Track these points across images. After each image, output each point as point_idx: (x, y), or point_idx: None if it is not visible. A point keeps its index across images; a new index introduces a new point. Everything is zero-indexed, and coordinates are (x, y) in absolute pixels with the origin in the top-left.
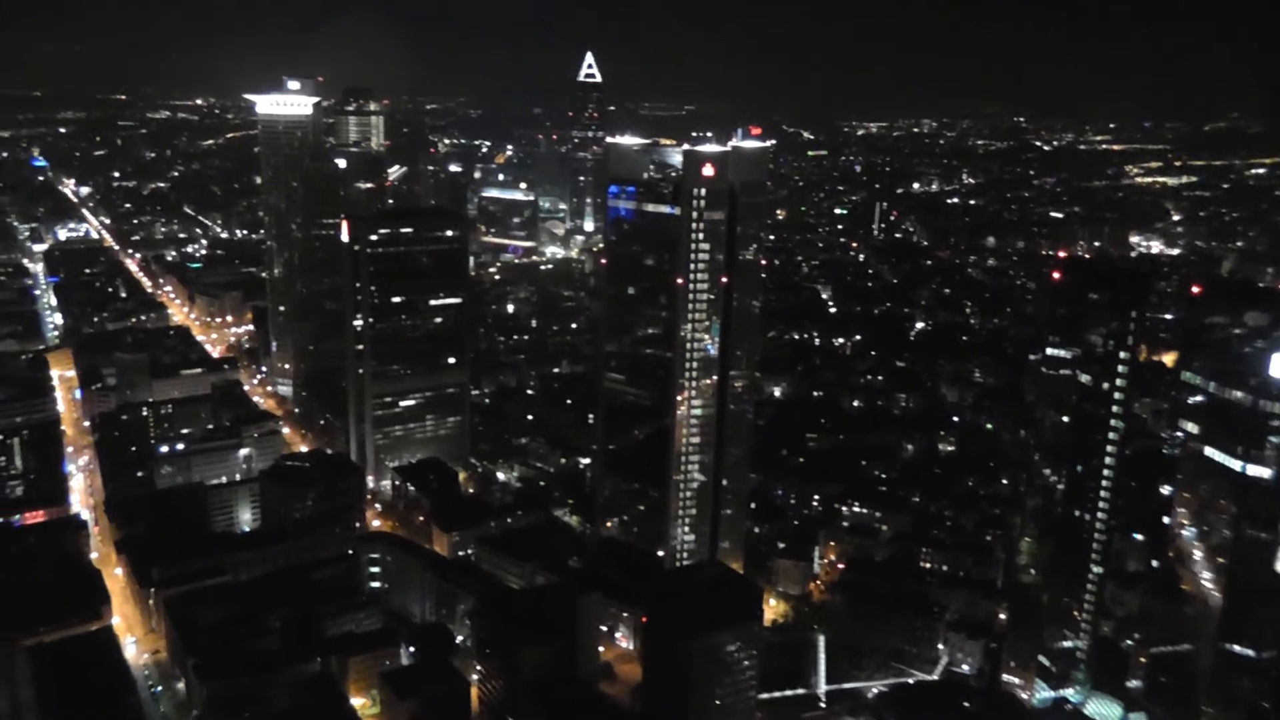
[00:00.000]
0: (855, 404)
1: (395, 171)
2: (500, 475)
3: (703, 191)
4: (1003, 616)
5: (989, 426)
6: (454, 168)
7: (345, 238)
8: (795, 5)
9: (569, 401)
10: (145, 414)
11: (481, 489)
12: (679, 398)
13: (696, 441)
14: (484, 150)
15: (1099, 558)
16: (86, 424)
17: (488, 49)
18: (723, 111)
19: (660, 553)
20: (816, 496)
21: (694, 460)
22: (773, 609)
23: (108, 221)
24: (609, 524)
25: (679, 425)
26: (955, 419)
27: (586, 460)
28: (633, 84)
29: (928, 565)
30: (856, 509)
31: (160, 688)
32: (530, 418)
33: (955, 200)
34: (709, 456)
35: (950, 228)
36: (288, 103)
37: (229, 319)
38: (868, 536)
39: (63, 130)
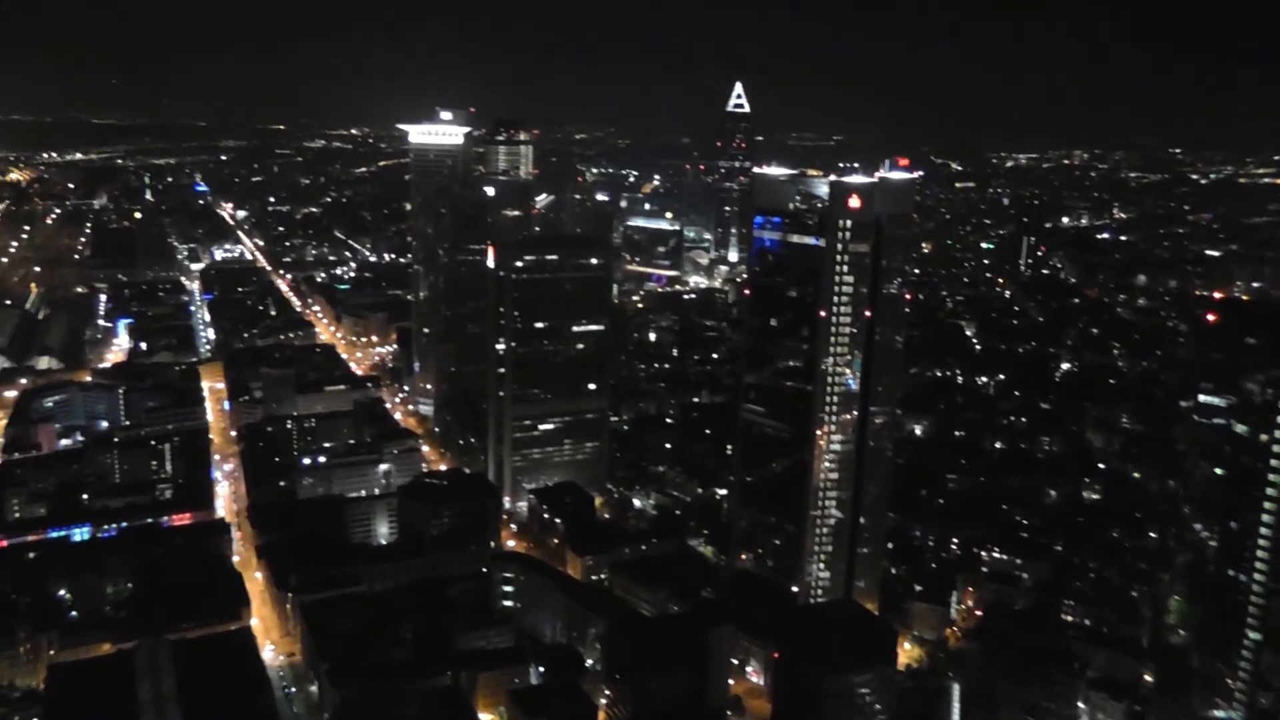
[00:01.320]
0: (997, 445)
1: (543, 200)
2: (636, 502)
3: (848, 223)
4: (1148, 678)
5: (1136, 475)
6: (601, 196)
7: (491, 263)
8: (946, 35)
9: (708, 431)
10: (290, 427)
11: (617, 515)
12: (818, 432)
13: (835, 477)
14: (631, 179)
15: (1256, 622)
16: (234, 434)
17: (638, 80)
18: (870, 142)
19: (794, 588)
20: (955, 539)
21: (832, 496)
22: (907, 653)
23: (261, 243)
24: (744, 556)
25: (817, 460)
26: (1101, 466)
27: (723, 491)
28: (781, 114)
29: (1069, 618)
30: (996, 555)
31: (294, 689)
32: (668, 446)
33: (1105, 236)
34: (847, 493)
35: (1100, 264)
36: (439, 132)
37: (374, 339)
38: (1007, 584)
39: (224, 157)
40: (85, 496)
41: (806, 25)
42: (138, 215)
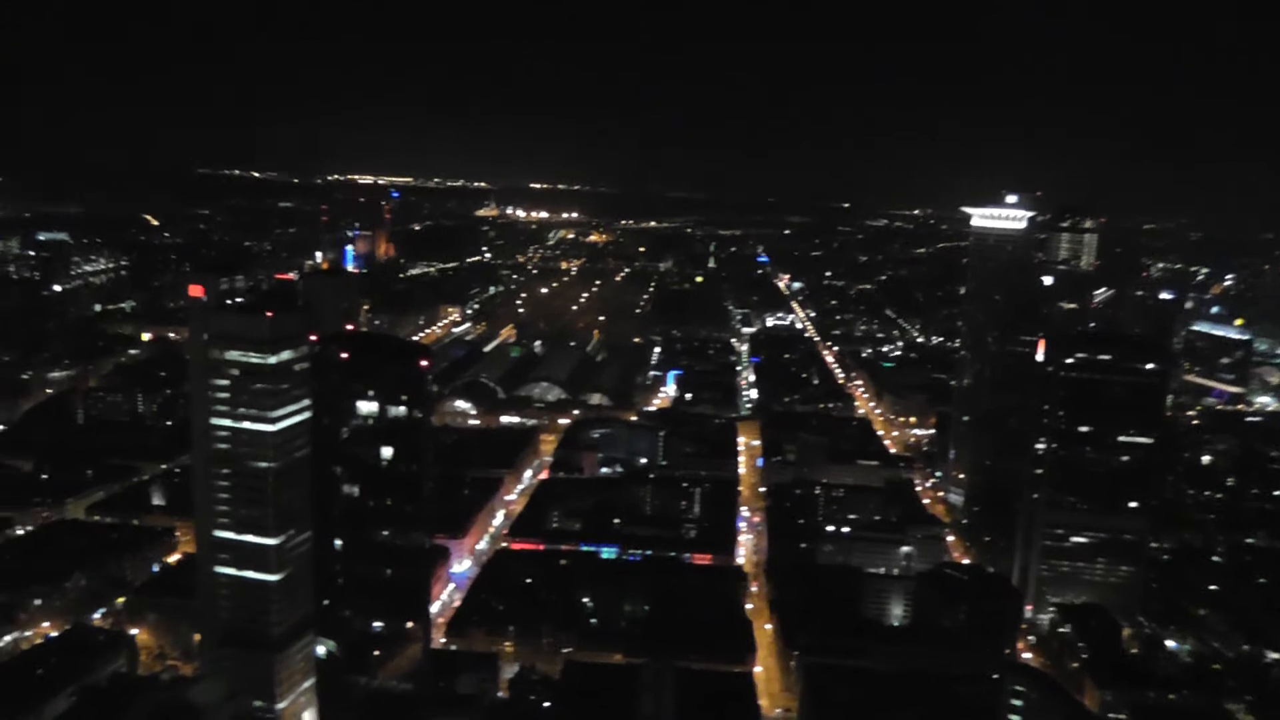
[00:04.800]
0: None
1: (1101, 294)
2: (1169, 643)
3: None
4: None
5: None
6: (1165, 295)
7: (1040, 357)
8: None
9: (1261, 580)
10: (817, 493)
11: (1146, 652)
12: None
13: None
14: (1200, 277)
15: None
16: (762, 490)
17: (1214, 167)
18: None
19: None
20: None
21: None
22: None
23: (812, 314)
24: None
25: None
26: None
27: (1276, 655)
28: None
29: None
30: None
31: None
32: (1213, 588)
33: None
34: None
35: None
36: (1002, 216)
37: (912, 420)
38: None
39: (787, 232)
40: (617, 520)
41: None
42: (699, 279)
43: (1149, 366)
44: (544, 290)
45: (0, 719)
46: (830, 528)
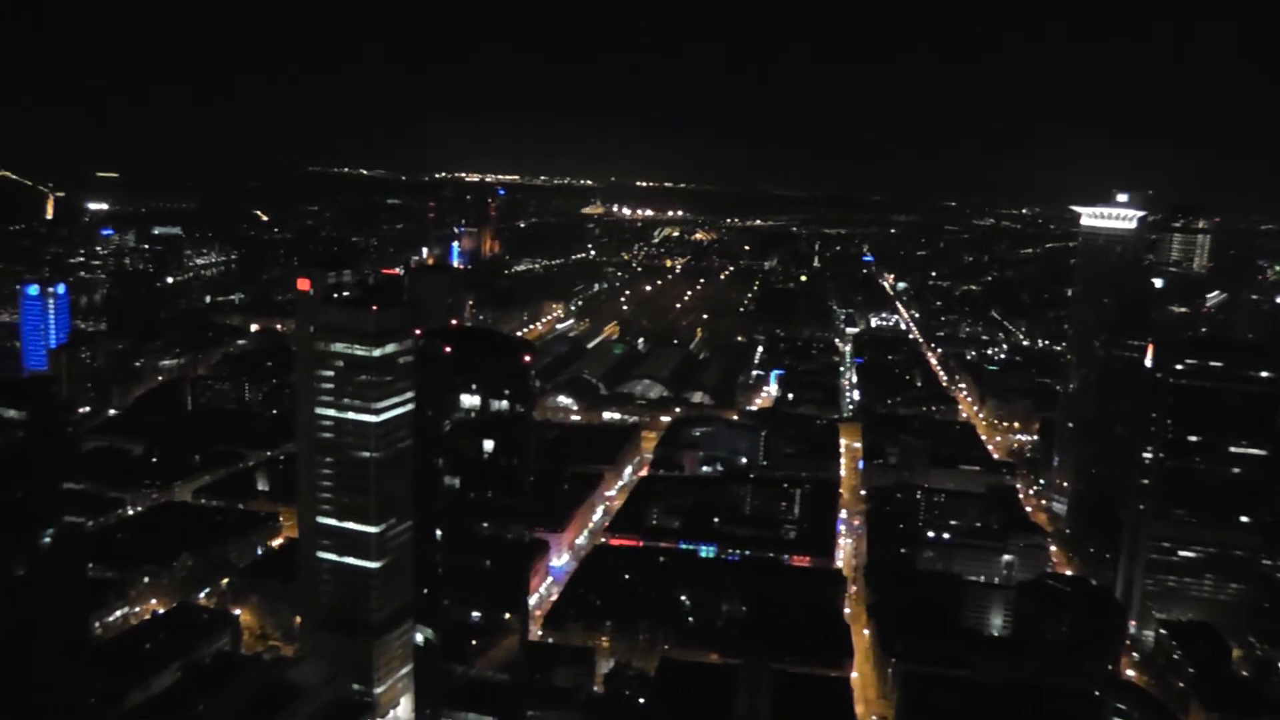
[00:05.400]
0: None
1: (1214, 297)
2: None
3: None
4: None
5: None
6: None
7: (1149, 362)
8: None
9: None
10: (918, 497)
11: (1257, 675)
12: None
13: None
14: None
15: None
16: (862, 493)
17: None
18: None
19: None
20: None
21: None
22: None
23: (916, 315)
24: None
25: None
26: None
27: None
28: None
29: None
30: None
31: None
32: None
33: None
34: None
35: None
36: (1112, 215)
37: (1015, 425)
38: None
39: (892, 231)
40: (716, 520)
41: None
42: (803, 278)
43: (1264, 374)
44: (647, 288)
45: (111, 689)
46: (930, 533)
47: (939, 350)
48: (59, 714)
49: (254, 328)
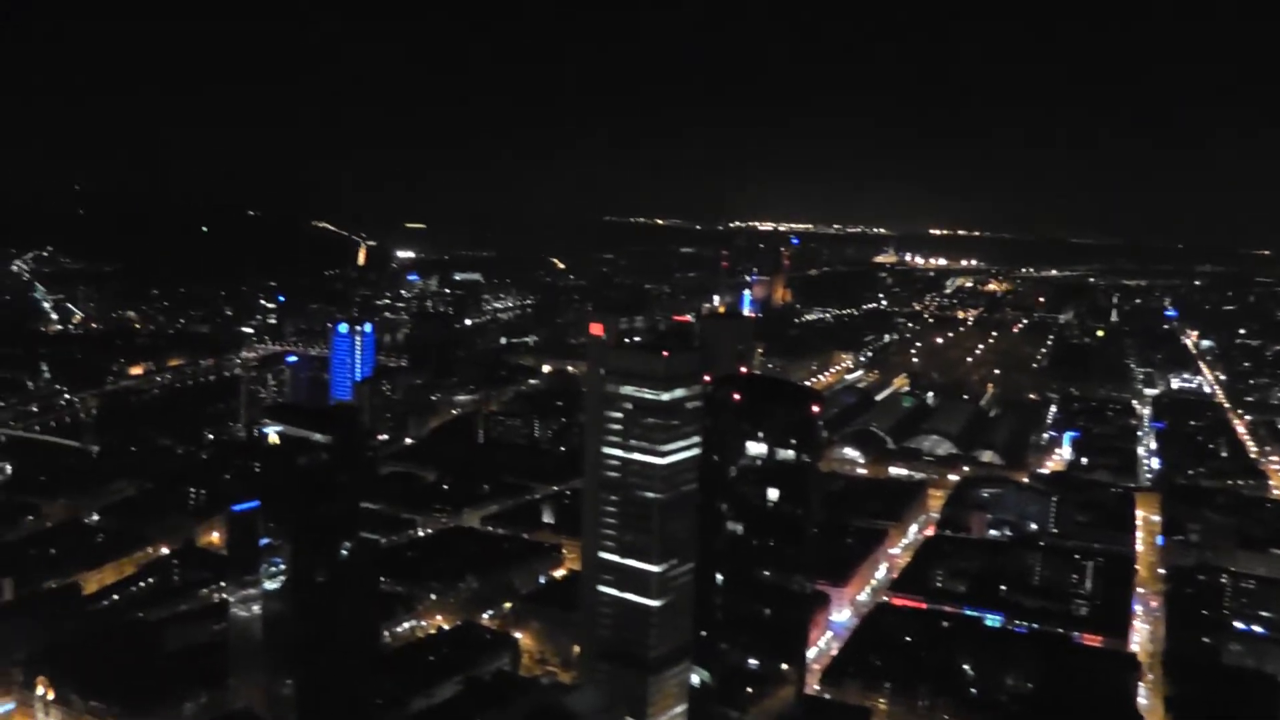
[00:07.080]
0: None
1: None
2: None
3: None
4: None
5: None
6: None
7: None
8: None
9: None
10: (1224, 581)
11: None
12: None
13: None
14: None
15: None
16: (1160, 571)
17: None
18: None
19: None
20: None
21: None
22: None
23: (1222, 377)
24: None
25: None
26: None
27: None
28: None
29: None
30: None
31: None
32: None
33: None
34: None
35: None
36: None
37: None
38: None
39: (1197, 283)
40: (1003, 587)
41: None
42: (1100, 333)
43: None
44: (939, 340)
45: (396, 694)
46: (1239, 623)
47: (1247, 417)
48: (349, 710)
49: (546, 368)
